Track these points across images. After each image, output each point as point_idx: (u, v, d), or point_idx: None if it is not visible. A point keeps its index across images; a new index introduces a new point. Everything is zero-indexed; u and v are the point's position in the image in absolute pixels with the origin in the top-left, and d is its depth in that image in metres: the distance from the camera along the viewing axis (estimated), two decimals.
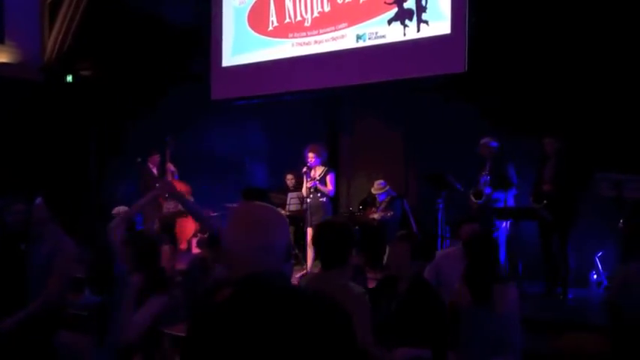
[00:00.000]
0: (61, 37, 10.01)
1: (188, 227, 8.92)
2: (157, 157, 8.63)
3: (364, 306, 2.69)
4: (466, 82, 7.11)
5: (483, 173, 6.57)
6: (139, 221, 7.68)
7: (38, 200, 4.09)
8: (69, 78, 10.12)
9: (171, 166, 8.65)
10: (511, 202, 6.48)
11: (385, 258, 6.61)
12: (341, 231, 2.82)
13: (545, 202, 5.97)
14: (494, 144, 6.58)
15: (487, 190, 6.50)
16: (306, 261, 7.32)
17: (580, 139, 6.29)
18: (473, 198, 6.52)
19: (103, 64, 9.91)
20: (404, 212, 7.67)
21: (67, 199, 4.55)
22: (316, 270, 4.36)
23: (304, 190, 7.40)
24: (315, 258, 7.28)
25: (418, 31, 7.56)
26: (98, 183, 9.84)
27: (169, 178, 8.59)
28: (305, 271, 7.26)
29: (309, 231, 7.24)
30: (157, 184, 8.43)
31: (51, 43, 10.15)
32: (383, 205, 7.76)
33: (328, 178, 7.29)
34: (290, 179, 8.34)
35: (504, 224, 6.46)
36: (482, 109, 7.01)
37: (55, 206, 4.09)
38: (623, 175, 5.50)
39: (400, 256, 3.23)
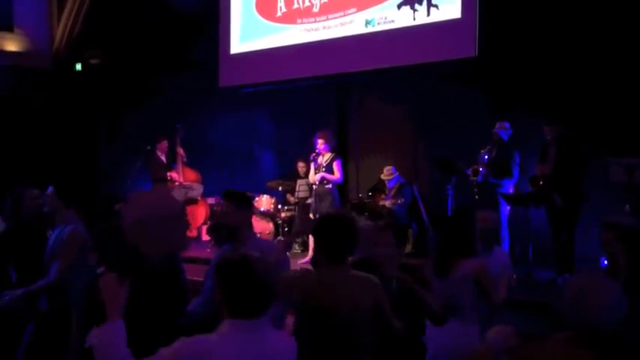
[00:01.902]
0: (69, 25, 10.02)
1: (198, 215, 8.94)
2: (164, 144, 8.64)
3: (379, 287, 2.76)
4: (477, 66, 7.03)
5: (483, 152, 6.54)
6: None
7: (50, 189, 4.13)
8: (78, 66, 10.13)
9: (181, 150, 8.63)
10: (509, 190, 6.46)
11: None
12: (347, 226, 2.78)
13: (541, 183, 5.96)
14: (502, 132, 6.53)
15: (483, 170, 6.50)
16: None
17: (587, 125, 6.22)
18: (472, 176, 6.53)
19: (112, 51, 9.91)
20: (414, 199, 7.62)
21: (77, 187, 4.55)
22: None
23: (311, 177, 7.38)
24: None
25: (428, 15, 7.48)
26: (108, 171, 9.88)
27: (179, 162, 8.59)
28: (308, 258, 7.26)
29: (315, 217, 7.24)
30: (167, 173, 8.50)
31: (60, 31, 10.16)
32: (392, 192, 7.72)
33: (335, 166, 7.24)
34: (301, 167, 8.31)
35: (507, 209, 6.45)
36: (492, 94, 6.94)
37: (65, 195, 4.11)
38: (635, 159, 5.43)
39: (388, 244, 3.32)
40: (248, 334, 1.94)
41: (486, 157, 6.53)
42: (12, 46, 10.01)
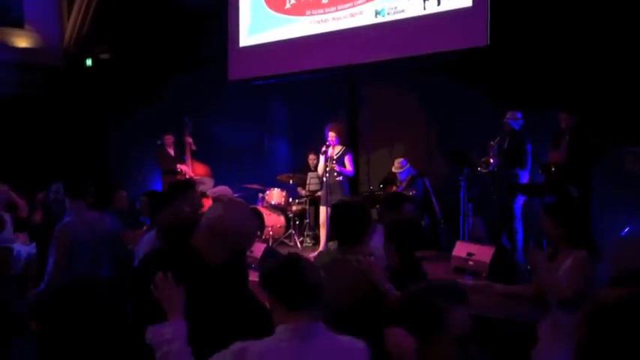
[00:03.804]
0: (79, 21, 10.04)
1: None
2: (170, 138, 8.61)
3: (377, 261, 2.86)
4: (488, 56, 6.92)
5: (492, 142, 6.46)
6: None
7: (55, 185, 4.19)
8: (88, 62, 10.15)
9: (189, 139, 8.57)
10: (524, 180, 6.37)
11: None
12: (357, 211, 2.93)
13: (553, 169, 5.87)
14: (513, 122, 6.43)
15: (494, 162, 6.41)
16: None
17: (601, 114, 6.10)
18: (483, 167, 6.45)
19: (121, 47, 9.91)
20: (425, 191, 7.55)
21: (86, 180, 4.58)
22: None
23: (320, 169, 7.33)
24: (331, 238, 7.27)
25: (439, 4, 7.38)
26: (118, 164, 9.89)
27: (188, 155, 8.54)
28: (319, 251, 7.23)
29: (323, 210, 7.20)
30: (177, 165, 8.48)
31: (69, 27, 10.19)
32: (404, 184, 7.65)
33: (347, 159, 7.20)
34: (312, 159, 8.27)
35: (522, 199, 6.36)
36: (504, 84, 6.83)
37: (72, 188, 4.15)
38: None
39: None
40: (302, 338, 1.87)
41: (496, 147, 6.45)
42: (22, 42, 10.05)
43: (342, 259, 2.85)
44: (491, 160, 6.46)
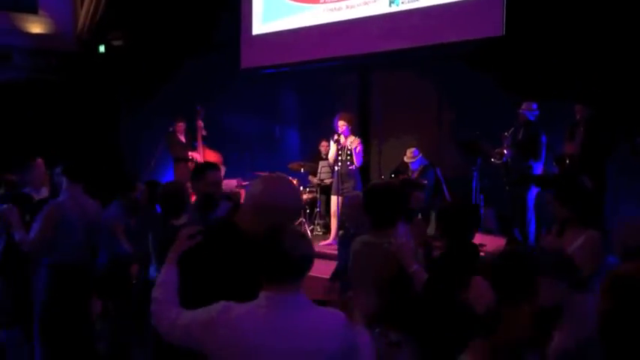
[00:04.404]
0: (92, 7, 10.02)
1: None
2: (182, 125, 8.61)
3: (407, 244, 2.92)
4: (503, 45, 6.86)
5: (506, 133, 6.42)
6: None
7: (58, 169, 4.25)
8: (101, 48, 10.15)
9: (200, 123, 8.55)
10: (538, 172, 6.33)
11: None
12: (394, 193, 3.01)
13: (567, 162, 5.83)
14: (529, 113, 6.37)
15: (508, 153, 6.39)
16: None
17: (615, 106, 6.04)
18: (497, 158, 6.41)
19: (134, 33, 9.91)
20: (437, 181, 7.51)
21: (91, 165, 4.62)
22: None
23: (331, 157, 7.32)
24: (340, 227, 7.26)
25: None
26: (130, 150, 9.92)
27: (200, 142, 8.54)
28: (330, 240, 7.22)
29: (334, 199, 7.19)
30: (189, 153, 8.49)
31: (83, 13, 10.18)
32: (416, 174, 7.61)
33: (358, 149, 7.18)
34: (325, 146, 8.23)
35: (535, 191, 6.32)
36: (519, 74, 6.77)
37: (74, 171, 4.17)
38: None
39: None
40: (280, 309, 1.88)
41: (510, 139, 6.41)
42: (36, 28, 10.07)
43: (375, 243, 2.94)
44: (505, 152, 6.42)
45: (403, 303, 2.85)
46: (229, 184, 6.16)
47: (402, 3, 7.77)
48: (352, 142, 7.15)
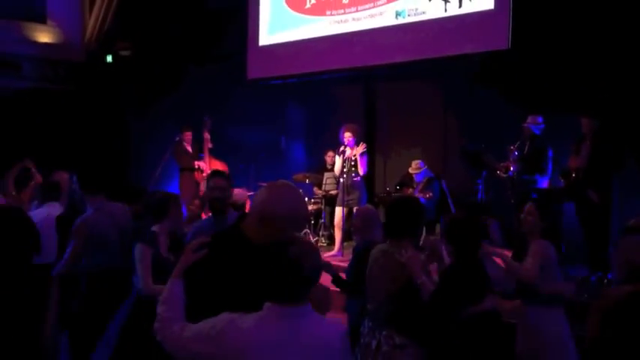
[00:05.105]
0: (100, 17, 10.11)
1: None
2: (189, 134, 8.65)
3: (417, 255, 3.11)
4: (509, 59, 6.87)
5: (512, 147, 6.42)
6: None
7: (73, 178, 4.30)
8: (109, 58, 10.22)
9: (207, 135, 8.58)
10: (543, 185, 6.32)
11: (422, 240, 6.50)
12: (412, 206, 3.27)
13: (573, 175, 5.84)
14: (534, 127, 6.37)
15: (514, 168, 6.38)
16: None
17: (622, 120, 6.03)
18: (502, 172, 6.41)
19: (142, 44, 9.98)
20: (442, 193, 7.50)
21: (107, 177, 4.65)
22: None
23: (337, 170, 7.33)
24: (345, 239, 7.25)
25: (460, 6, 7.33)
26: (137, 162, 9.96)
27: (206, 152, 8.57)
28: (335, 252, 7.22)
29: (339, 210, 7.19)
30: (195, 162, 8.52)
31: (91, 23, 10.26)
32: (420, 186, 7.61)
33: (363, 155, 7.21)
34: (330, 156, 8.25)
35: None
36: (525, 88, 6.78)
37: (89, 183, 4.21)
38: None
39: None
40: (285, 320, 1.89)
41: (516, 153, 6.40)
42: (45, 37, 10.15)
43: (390, 252, 3.13)
44: (512, 167, 6.40)
45: (410, 310, 2.99)
46: (241, 193, 6.18)
47: (409, 16, 7.80)
48: (357, 149, 7.18)
